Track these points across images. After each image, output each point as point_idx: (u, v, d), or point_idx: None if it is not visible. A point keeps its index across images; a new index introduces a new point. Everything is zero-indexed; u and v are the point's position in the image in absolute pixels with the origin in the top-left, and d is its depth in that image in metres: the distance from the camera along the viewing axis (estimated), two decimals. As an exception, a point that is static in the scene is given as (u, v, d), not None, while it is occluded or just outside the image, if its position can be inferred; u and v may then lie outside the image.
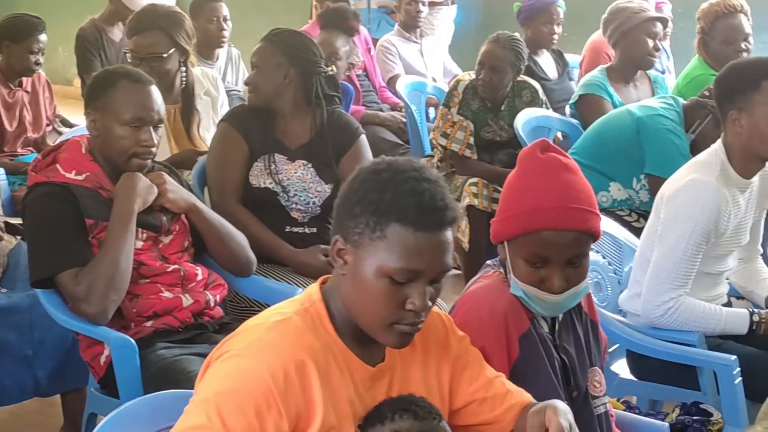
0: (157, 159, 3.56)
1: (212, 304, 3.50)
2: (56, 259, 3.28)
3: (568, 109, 5.91)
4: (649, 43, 5.69)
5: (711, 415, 3.37)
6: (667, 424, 2.90)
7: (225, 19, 6.25)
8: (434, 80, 7.27)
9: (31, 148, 5.77)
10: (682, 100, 4.85)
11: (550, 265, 2.45)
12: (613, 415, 2.73)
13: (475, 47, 5.85)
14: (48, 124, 5.94)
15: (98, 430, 2.27)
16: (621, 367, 3.82)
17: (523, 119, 5.56)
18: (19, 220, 3.93)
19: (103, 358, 3.35)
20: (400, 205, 2.10)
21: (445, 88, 6.32)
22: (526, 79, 5.81)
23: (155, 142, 3.40)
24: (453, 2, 8.58)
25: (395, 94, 6.93)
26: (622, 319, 3.69)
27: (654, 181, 4.65)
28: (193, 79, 4.70)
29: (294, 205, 4.04)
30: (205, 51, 6.18)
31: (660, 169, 4.57)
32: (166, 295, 3.40)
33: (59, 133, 5.93)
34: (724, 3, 5.66)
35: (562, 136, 5.93)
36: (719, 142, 3.62)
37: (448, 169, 5.71)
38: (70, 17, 8.03)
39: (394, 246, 2.09)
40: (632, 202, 4.86)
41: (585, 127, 5.39)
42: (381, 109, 7.00)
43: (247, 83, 4.23)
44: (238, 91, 5.53)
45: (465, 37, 8.73)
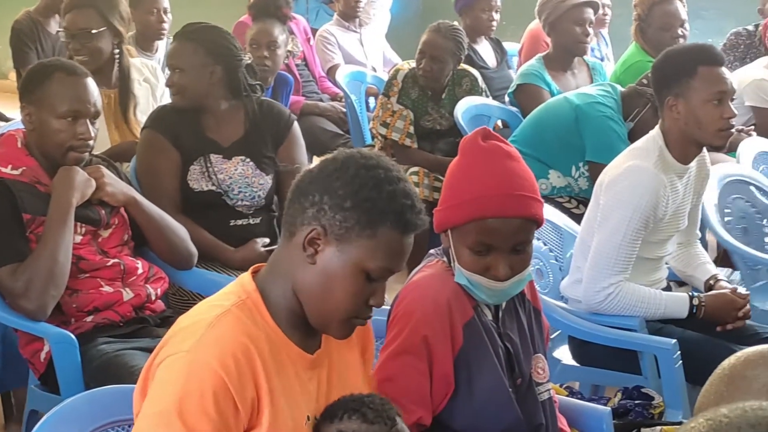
0: (97, 146, 3.53)
1: (153, 298, 3.48)
2: (-7, 255, 3.25)
3: (507, 98, 5.94)
4: (578, 29, 5.72)
5: (652, 399, 3.40)
6: (609, 409, 2.92)
7: (165, 11, 6.20)
8: (374, 70, 7.27)
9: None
10: (620, 88, 4.88)
11: (495, 253, 2.45)
12: (556, 401, 2.74)
13: (414, 36, 5.86)
14: (-17, 119, 5.87)
15: (39, 427, 2.24)
16: (563, 353, 3.84)
17: (463, 107, 5.57)
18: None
19: (43, 355, 3.31)
20: (396, 206, 2.10)
21: (385, 78, 6.31)
22: (466, 67, 5.83)
23: (92, 135, 3.36)
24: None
25: (335, 84, 6.91)
26: (564, 305, 3.71)
27: (594, 168, 4.68)
28: (128, 63, 4.67)
29: (240, 202, 4.01)
30: (145, 43, 6.13)
31: (600, 156, 4.60)
32: (107, 289, 3.38)
33: (-5, 128, 5.86)
34: (660, -11, 5.73)
35: (503, 125, 5.95)
36: (657, 128, 3.65)
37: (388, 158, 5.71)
38: (5, 10, 7.93)
39: (382, 246, 2.10)
40: (572, 189, 4.89)
41: (524, 116, 5.41)
42: (321, 100, 6.98)
43: (170, 85, 4.08)
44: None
45: (403, 26, 8.74)
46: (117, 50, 4.60)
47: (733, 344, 3.50)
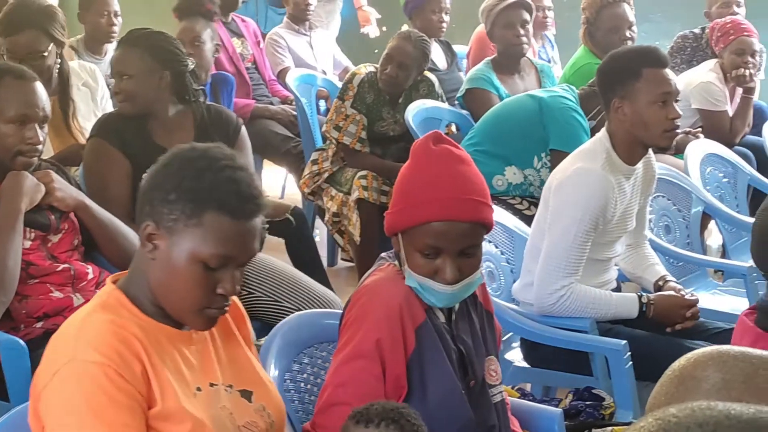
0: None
1: (104, 303, 3.45)
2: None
3: (457, 102, 5.96)
4: (511, 32, 5.77)
5: (603, 400, 3.42)
6: (561, 410, 2.94)
7: (116, 14, 6.15)
8: (324, 73, 7.26)
9: None
10: (575, 89, 4.93)
11: (444, 256, 2.46)
12: (508, 403, 2.76)
13: (364, 39, 5.86)
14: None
15: (-12, 435, 2.23)
16: (515, 355, 3.86)
17: (414, 111, 5.58)
18: None
19: (-9, 361, 3.28)
20: (219, 193, 2.13)
21: (336, 81, 6.31)
22: (425, 72, 5.85)
23: (41, 139, 3.34)
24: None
25: (285, 87, 6.90)
26: (515, 307, 3.73)
27: (557, 156, 4.72)
28: (68, 69, 4.62)
29: None
30: (94, 45, 6.09)
31: (564, 144, 4.64)
32: (57, 295, 3.35)
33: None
34: (608, -8, 5.78)
35: (456, 129, 5.97)
36: (603, 130, 3.68)
37: (340, 162, 5.71)
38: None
39: (209, 233, 2.13)
40: (527, 187, 4.92)
41: (475, 119, 5.44)
42: (271, 103, 6.97)
43: (117, 92, 4.03)
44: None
45: (353, 29, 8.74)
46: (58, 59, 4.55)
47: (682, 340, 3.55)
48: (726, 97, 5.81)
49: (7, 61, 4.36)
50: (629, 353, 3.51)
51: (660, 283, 3.81)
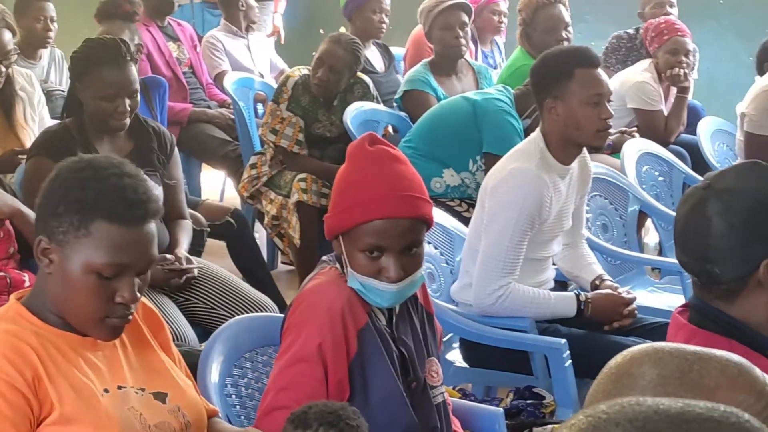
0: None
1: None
2: None
3: (395, 104, 5.97)
4: (449, 34, 5.80)
5: (543, 399, 3.45)
6: (502, 410, 2.96)
7: (52, 20, 6.09)
8: (261, 76, 7.23)
9: None
10: (511, 90, 4.96)
11: (387, 255, 2.47)
12: (450, 404, 2.77)
13: (301, 42, 5.86)
14: None
15: None
16: (456, 356, 3.87)
17: (352, 113, 5.58)
18: None
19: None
20: (104, 201, 2.15)
21: (273, 84, 6.29)
22: (359, 74, 5.85)
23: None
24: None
25: (223, 90, 6.87)
26: (455, 308, 3.74)
27: (490, 160, 4.77)
28: (12, 72, 4.57)
29: None
30: (29, 51, 6.02)
31: (497, 147, 4.68)
32: (-7, 303, 3.32)
33: None
34: (543, -7, 5.82)
35: (393, 131, 5.98)
36: (538, 130, 3.71)
37: (278, 165, 5.70)
38: None
39: (99, 242, 2.14)
40: (465, 189, 4.95)
41: (413, 121, 5.45)
42: (209, 106, 6.93)
43: (128, 110, 3.92)
44: (62, 91, 5.40)
45: (291, 32, 8.72)
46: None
47: (619, 338, 3.58)
48: (661, 97, 5.88)
49: None
50: (569, 351, 3.54)
51: (597, 282, 3.84)
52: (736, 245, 2.17)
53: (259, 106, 6.81)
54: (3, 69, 4.44)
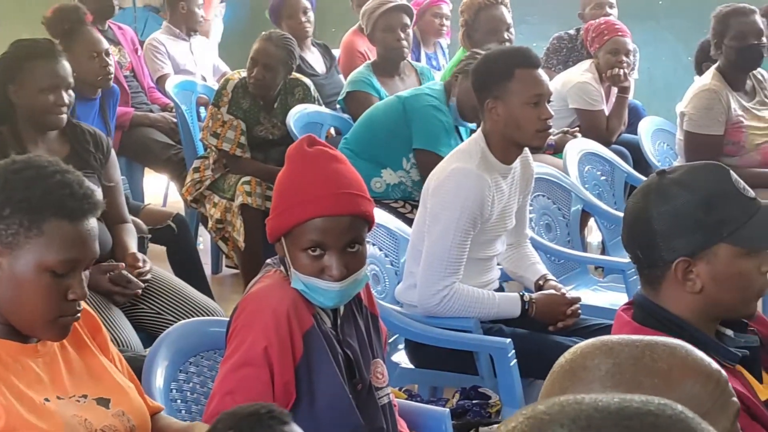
0: None
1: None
2: None
3: (338, 105, 5.98)
4: (391, 36, 5.83)
5: (489, 398, 3.46)
6: (448, 410, 2.97)
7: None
8: (204, 79, 7.20)
9: None
10: (441, 84, 5.00)
11: (329, 253, 2.47)
12: (396, 405, 2.77)
13: (244, 45, 5.83)
14: None
15: None
16: (401, 357, 3.87)
17: (295, 115, 5.58)
18: None
19: None
20: (53, 199, 2.14)
21: (216, 87, 6.26)
22: (298, 76, 5.84)
23: None
24: (222, 0, 8.52)
25: (165, 94, 6.83)
26: (400, 309, 3.74)
27: (420, 155, 4.83)
28: None
29: None
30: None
31: (425, 143, 4.79)
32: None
33: None
34: (485, -6, 5.85)
35: (335, 132, 5.99)
36: (479, 131, 3.73)
37: (221, 169, 5.68)
38: None
39: (52, 240, 2.14)
40: (405, 187, 4.97)
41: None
42: (151, 110, 6.89)
43: (66, 104, 3.92)
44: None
45: (233, 35, 8.69)
46: None
47: (563, 338, 3.60)
48: (602, 97, 5.92)
49: None
50: (514, 351, 3.55)
51: (541, 282, 3.86)
52: (664, 233, 2.19)
53: (202, 110, 6.78)
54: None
